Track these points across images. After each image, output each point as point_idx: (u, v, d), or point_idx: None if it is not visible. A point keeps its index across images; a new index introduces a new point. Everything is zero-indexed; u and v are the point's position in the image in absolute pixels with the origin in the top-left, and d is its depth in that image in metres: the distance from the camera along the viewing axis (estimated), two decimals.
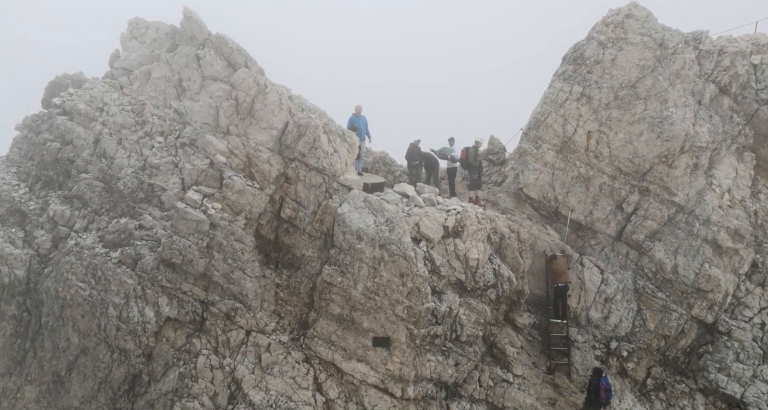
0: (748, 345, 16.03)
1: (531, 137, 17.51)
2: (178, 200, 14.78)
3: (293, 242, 15.05)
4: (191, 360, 14.18)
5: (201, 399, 13.74)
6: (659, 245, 16.40)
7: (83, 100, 17.02)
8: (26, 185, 17.05)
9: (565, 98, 17.16)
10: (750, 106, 17.79)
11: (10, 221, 16.39)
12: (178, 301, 14.45)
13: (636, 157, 16.54)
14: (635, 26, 17.14)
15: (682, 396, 15.89)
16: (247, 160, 15.31)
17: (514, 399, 14.67)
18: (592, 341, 15.93)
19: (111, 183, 15.99)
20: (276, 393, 13.65)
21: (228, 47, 16.37)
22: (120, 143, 16.33)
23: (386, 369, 13.70)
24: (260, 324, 14.39)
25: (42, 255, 15.82)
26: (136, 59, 17.74)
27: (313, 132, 15.28)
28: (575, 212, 16.87)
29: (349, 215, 14.19)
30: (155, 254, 14.57)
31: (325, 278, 14.08)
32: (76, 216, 15.90)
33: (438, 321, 13.99)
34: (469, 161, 17.97)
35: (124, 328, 14.24)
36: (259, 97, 15.64)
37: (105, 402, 14.42)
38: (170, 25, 18.11)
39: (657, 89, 16.60)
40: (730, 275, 16.40)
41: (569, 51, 17.98)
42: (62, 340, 14.72)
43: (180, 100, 16.55)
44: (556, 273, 15.54)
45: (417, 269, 13.69)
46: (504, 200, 17.77)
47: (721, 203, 16.71)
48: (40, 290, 15.37)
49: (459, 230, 14.72)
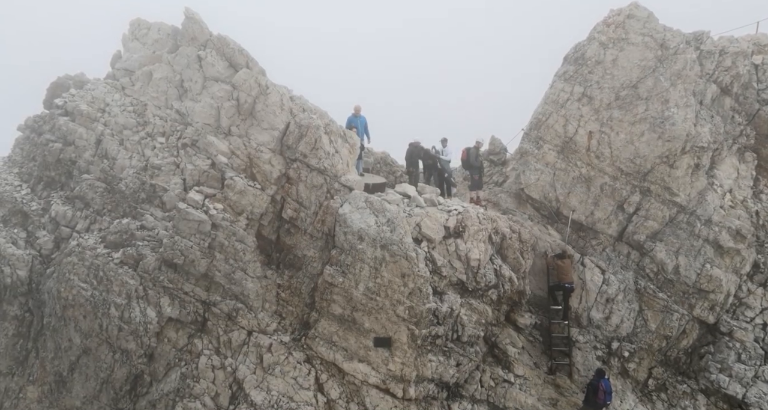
0: (750, 346, 16.02)
1: (532, 138, 17.51)
2: (180, 201, 14.81)
3: (294, 242, 15.06)
4: (193, 361, 14.21)
5: (202, 400, 13.76)
6: (660, 245, 16.38)
7: (85, 101, 17.05)
8: (28, 186, 17.09)
9: (567, 99, 17.16)
10: (751, 106, 17.77)
11: (12, 221, 16.43)
12: (180, 301, 14.48)
13: (637, 157, 16.54)
14: (636, 27, 17.13)
15: (683, 397, 15.89)
16: (248, 160, 15.33)
17: (515, 399, 14.66)
18: (594, 341, 15.92)
19: (113, 184, 16.02)
20: (277, 393, 13.66)
21: (229, 48, 16.39)
22: (122, 144, 16.36)
23: (387, 370, 13.71)
24: (262, 325, 14.40)
25: (44, 256, 15.86)
26: (137, 60, 17.76)
27: (314, 133, 15.30)
28: (576, 213, 16.86)
29: (350, 216, 14.20)
30: (157, 254, 14.60)
31: (326, 278, 14.09)
32: (78, 217, 15.93)
33: (439, 322, 13.99)
34: (471, 161, 17.98)
35: (126, 328, 14.27)
36: (260, 98, 15.66)
37: (107, 402, 14.45)
38: (172, 26, 18.12)
39: (658, 90, 16.59)
40: (732, 275, 16.38)
41: (570, 51, 17.98)
42: (64, 340, 14.75)
43: (181, 100, 16.58)
44: (563, 272, 15.55)
45: (418, 270, 13.70)
46: (505, 201, 17.77)
47: (722, 204, 16.69)
48: (42, 290, 15.40)
49: (460, 231, 14.73)
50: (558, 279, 15.63)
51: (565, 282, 15.50)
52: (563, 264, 15.61)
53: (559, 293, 15.86)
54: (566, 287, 15.56)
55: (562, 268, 15.59)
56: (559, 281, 15.60)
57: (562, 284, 15.54)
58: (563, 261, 15.66)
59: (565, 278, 15.51)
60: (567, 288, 15.58)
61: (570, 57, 17.82)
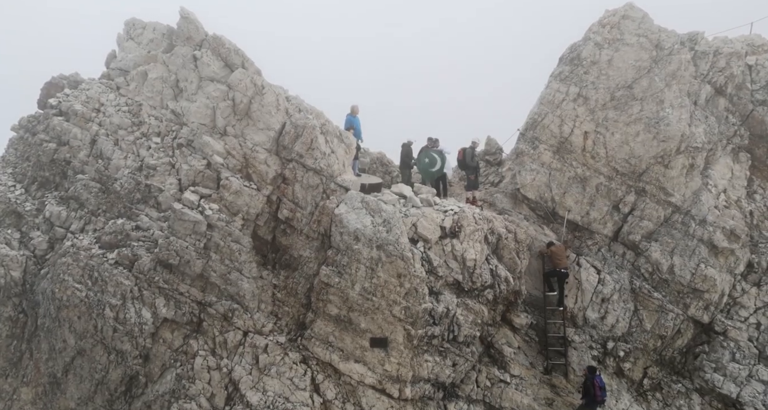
0: (744, 345, 16.10)
1: (528, 138, 17.55)
2: (175, 201, 14.75)
3: (291, 242, 15.04)
4: (188, 361, 14.15)
5: (198, 401, 13.71)
6: (656, 245, 16.45)
7: (80, 101, 16.98)
8: (22, 186, 16.99)
9: (562, 99, 17.20)
10: (745, 106, 17.86)
11: (6, 222, 16.33)
12: (175, 302, 14.43)
13: (632, 157, 16.60)
14: (631, 27, 17.20)
15: (678, 396, 15.94)
16: (244, 161, 15.29)
17: (511, 399, 14.69)
18: (589, 341, 15.97)
19: (108, 184, 15.95)
20: (273, 393, 13.63)
21: (225, 48, 16.34)
22: (117, 144, 16.29)
23: (384, 370, 13.70)
24: (257, 325, 14.37)
25: (38, 256, 15.77)
26: (132, 60, 17.70)
27: (310, 133, 15.28)
28: (572, 213, 16.91)
29: (346, 216, 14.19)
30: (152, 255, 14.54)
31: (322, 278, 14.07)
32: (72, 217, 15.85)
33: (435, 322, 14.00)
34: (467, 161, 18.00)
35: (121, 329, 14.21)
36: (256, 98, 15.62)
37: (102, 403, 14.38)
38: (167, 26, 18.07)
39: (653, 90, 16.66)
40: (726, 275, 16.46)
41: (566, 52, 18.04)
42: (58, 341, 14.67)
43: (177, 100, 16.52)
44: (557, 257, 15.62)
45: (414, 270, 13.70)
46: (501, 201, 17.80)
47: (716, 204, 16.77)
48: (37, 291, 15.32)
49: (456, 231, 14.74)
50: (553, 266, 15.70)
51: (560, 268, 15.56)
52: (556, 250, 15.74)
53: (554, 279, 15.93)
54: (561, 273, 15.62)
55: (555, 254, 15.70)
56: (554, 268, 15.66)
57: (557, 269, 15.59)
58: (556, 247, 15.80)
59: (560, 263, 15.59)
60: (562, 274, 15.63)
61: (565, 57, 17.87)
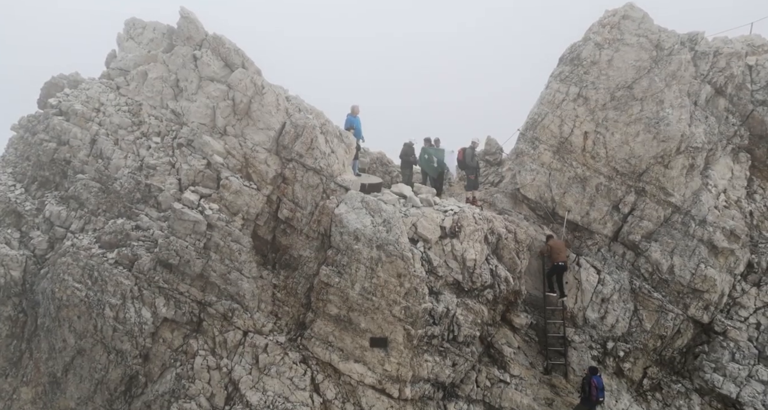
0: (744, 345, 16.09)
1: (528, 138, 17.55)
2: (175, 201, 14.76)
3: (290, 242, 15.04)
4: (188, 361, 14.16)
5: (198, 400, 13.71)
6: (655, 245, 16.45)
7: (80, 101, 16.98)
8: (22, 186, 17.00)
9: (562, 99, 17.20)
10: (745, 107, 17.85)
11: (5, 222, 16.34)
12: (175, 302, 14.43)
13: (632, 157, 16.60)
14: (631, 27, 17.19)
15: (678, 396, 15.94)
16: (244, 160, 15.29)
17: (511, 399, 14.69)
18: (589, 341, 15.97)
19: (107, 184, 15.95)
20: (273, 393, 13.64)
21: (225, 48, 16.35)
22: (117, 144, 16.29)
23: (383, 370, 13.71)
24: (257, 325, 14.37)
25: (38, 256, 15.78)
26: (132, 60, 17.71)
27: (310, 133, 15.28)
28: (572, 213, 16.91)
29: (346, 216, 14.19)
30: (152, 254, 14.55)
31: (322, 278, 14.07)
32: (72, 217, 15.85)
33: (435, 322, 14.00)
34: (467, 161, 18.01)
35: (121, 329, 14.21)
36: (256, 98, 15.62)
37: (101, 403, 14.38)
38: (167, 26, 18.08)
39: (653, 90, 16.65)
40: (726, 275, 16.46)
41: (566, 52, 18.02)
42: (58, 341, 14.67)
43: (177, 100, 16.52)
44: (555, 251, 15.64)
45: (414, 270, 13.70)
46: (501, 201, 17.80)
47: (716, 204, 16.77)
48: (36, 291, 15.32)
49: (456, 231, 14.74)
50: (552, 261, 15.72)
51: (558, 261, 15.59)
52: (554, 244, 15.78)
53: (554, 278, 15.92)
54: (558, 266, 15.63)
55: (553, 248, 15.73)
56: (552, 263, 15.69)
57: (555, 263, 15.62)
58: (554, 241, 15.87)
59: (558, 257, 15.62)
60: (559, 267, 15.64)
61: (565, 58, 17.86)
